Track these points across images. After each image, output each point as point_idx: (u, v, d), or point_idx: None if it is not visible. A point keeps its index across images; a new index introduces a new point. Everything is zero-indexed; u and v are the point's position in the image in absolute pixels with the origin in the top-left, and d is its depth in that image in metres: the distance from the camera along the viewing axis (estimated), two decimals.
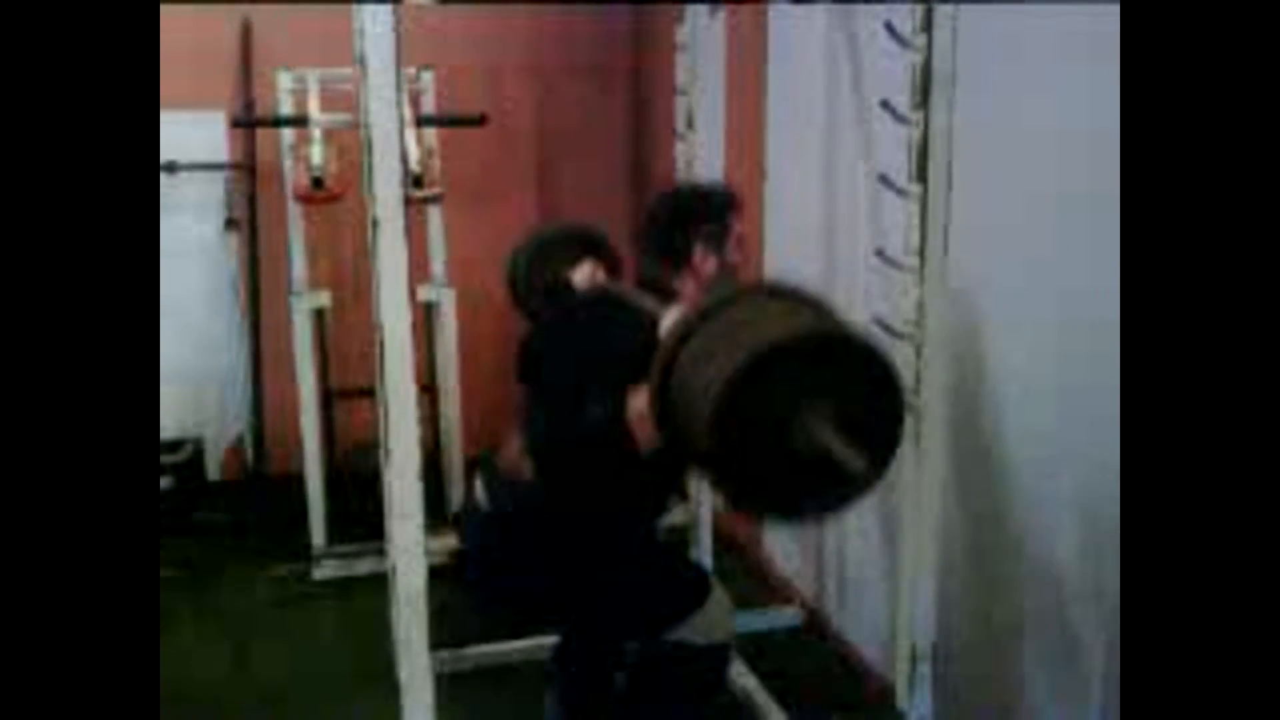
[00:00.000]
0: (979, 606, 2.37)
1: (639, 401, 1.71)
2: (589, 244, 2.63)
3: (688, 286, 2.06)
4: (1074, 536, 2.06)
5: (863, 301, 2.84)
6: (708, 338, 1.55)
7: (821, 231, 3.05)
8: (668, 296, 2.01)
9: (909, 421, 2.01)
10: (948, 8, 1.88)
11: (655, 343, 1.63)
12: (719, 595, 2.11)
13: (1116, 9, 1.65)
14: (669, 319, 1.69)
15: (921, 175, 1.94)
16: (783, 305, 1.63)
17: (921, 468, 2.03)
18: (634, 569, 2.11)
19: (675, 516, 3.14)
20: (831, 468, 1.44)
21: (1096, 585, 1.99)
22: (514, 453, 2.09)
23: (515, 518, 2.08)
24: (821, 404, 1.46)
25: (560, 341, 2.16)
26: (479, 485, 2.16)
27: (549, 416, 2.05)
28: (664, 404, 1.60)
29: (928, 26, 1.88)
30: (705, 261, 2.07)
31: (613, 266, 2.57)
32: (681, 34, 3.04)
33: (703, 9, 3.06)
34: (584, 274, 2.43)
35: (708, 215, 2.10)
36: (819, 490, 1.53)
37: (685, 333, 1.58)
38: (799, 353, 1.48)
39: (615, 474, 1.90)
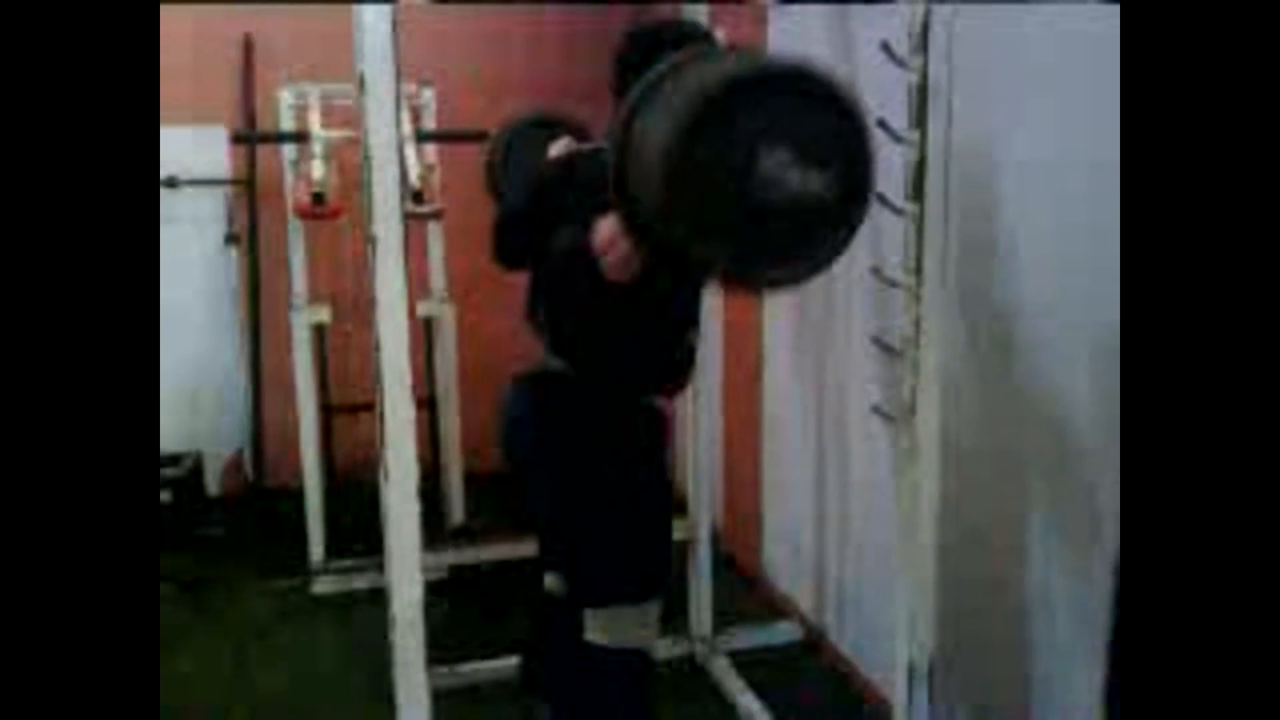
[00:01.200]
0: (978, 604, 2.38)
1: (603, 225, 1.71)
2: (563, 125, 2.60)
3: None
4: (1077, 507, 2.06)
5: (859, 318, 2.85)
6: (651, 107, 1.50)
7: None
8: None
9: (906, 440, 2.02)
10: (944, 15, 1.89)
11: None
12: (655, 610, 2.09)
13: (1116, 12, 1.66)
14: None
15: (918, 194, 1.95)
16: (723, 58, 1.57)
17: (919, 484, 2.03)
18: (639, 482, 2.09)
19: (675, 533, 3.14)
20: (804, 211, 1.40)
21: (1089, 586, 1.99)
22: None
23: (534, 388, 2.14)
24: (773, 141, 1.40)
25: (539, 198, 2.15)
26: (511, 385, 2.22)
27: (534, 272, 2.09)
28: (622, 185, 1.55)
29: (923, 47, 1.90)
30: None
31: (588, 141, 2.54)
32: None
33: (702, 14, 3.07)
34: (560, 146, 2.37)
35: (677, 49, 2.04)
36: (795, 234, 1.46)
37: (631, 110, 1.53)
38: (741, 93, 1.41)
39: (598, 297, 1.90)
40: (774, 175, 1.40)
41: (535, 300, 2.17)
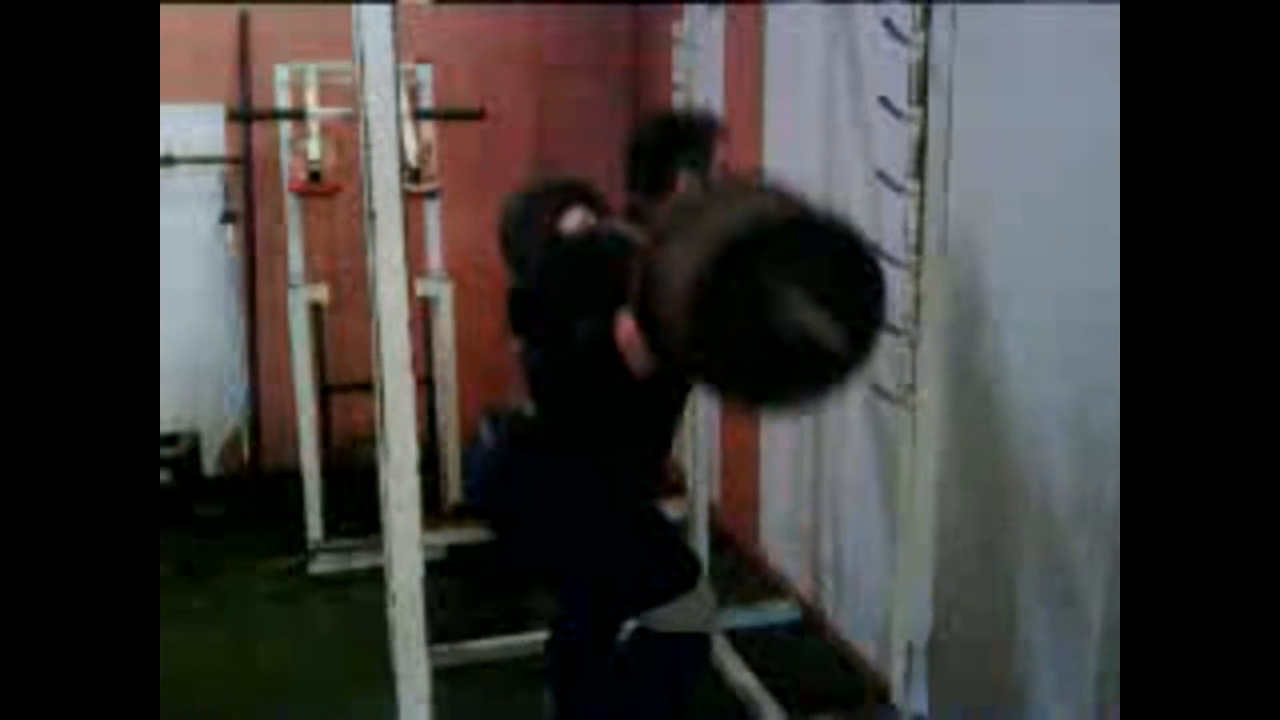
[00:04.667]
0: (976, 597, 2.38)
1: (627, 324, 1.70)
2: (577, 192, 2.61)
3: None
4: (1076, 524, 2.07)
5: None
6: (683, 235, 1.54)
7: None
8: None
9: (905, 419, 2.02)
10: (945, 5, 1.88)
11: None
12: (706, 586, 2.09)
13: (1116, 8, 1.65)
14: None
15: (919, 172, 1.94)
16: (758, 196, 1.62)
17: (917, 464, 2.03)
18: (631, 521, 2.07)
19: (672, 511, 3.14)
20: (814, 350, 1.45)
21: (1096, 580, 2.00)
22: (516, 397, 2.10)
23: (517, 448, 2.07)
24: (797, 285, 1.46)
25: (550, 281, 2.14)
26: (484, 425, 2.17)
27: (543, 347, 2.07)
28: (645, 305, 1.60)
29: (926, 24, 1.89)
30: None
31: (602, 211, 2.54)
32: (680, 30, 3.04)
33: (701, 5, 3.06)
34: (574, 220, 2.39)
35: (690, 142, 2.05)
36: (804, 373, 1.53)
37: (661, 234, 1.57)
38: (772, 237, 1.47)
39: (609, 395, 1.90)
40: (793, 316, 1.46)
41: (529, 353, 2.13)
